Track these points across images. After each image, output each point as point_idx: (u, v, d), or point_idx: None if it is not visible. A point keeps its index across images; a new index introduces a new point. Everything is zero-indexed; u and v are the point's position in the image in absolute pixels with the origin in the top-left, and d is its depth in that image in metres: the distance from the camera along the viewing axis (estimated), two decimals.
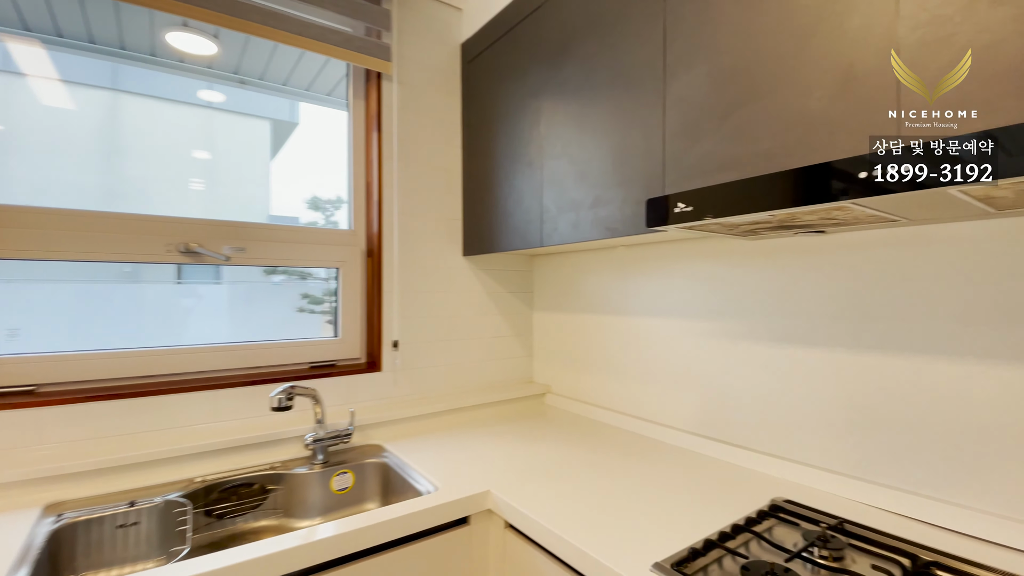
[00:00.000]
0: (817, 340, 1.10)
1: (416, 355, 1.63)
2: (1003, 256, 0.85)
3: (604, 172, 1.18)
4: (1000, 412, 0.86)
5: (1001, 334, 0.86)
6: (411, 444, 1.38)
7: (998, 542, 0.83)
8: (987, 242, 0.87)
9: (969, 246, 0.89)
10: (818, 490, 1.06)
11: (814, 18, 0.80)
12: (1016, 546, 0.81)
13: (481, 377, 1.78)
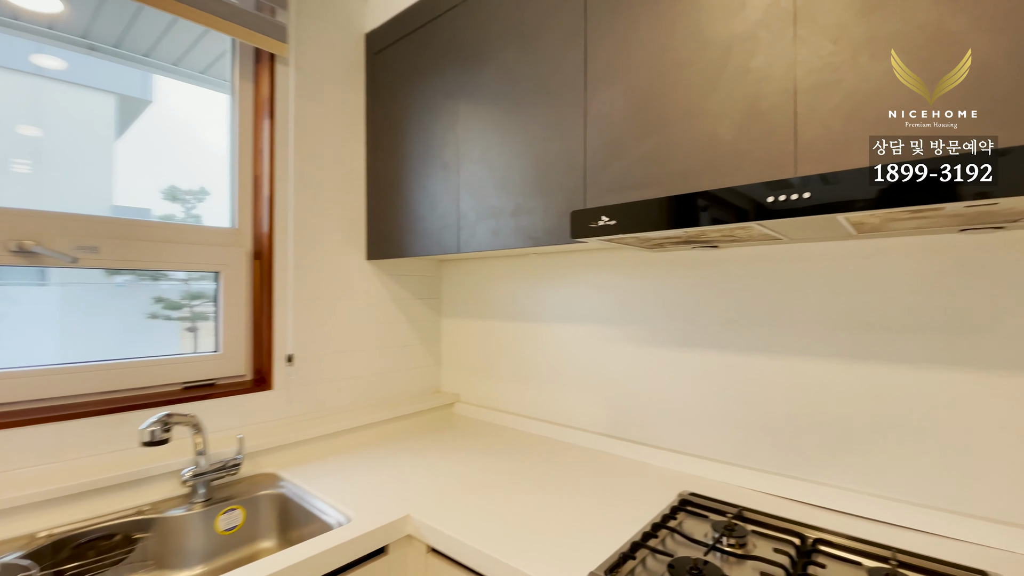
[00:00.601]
0: (712, 344, 1.21)
1: (314, 369, 1.48)
2: (858, 271, 1.01)
3: (525, 181, 1.18)
4: (857, 403, 1.01)
5: (856, 338, 1.02)
6: (312, 469, 1.24)
7: (859, 514, 0.98)
8: (845, 259, 1.03)
9: (832, 262, 1.04)
10: (718, 481, 1.16)
11: (723, 54, 0.88)
12: (874, 517, 0.96)
13: (387, 390, 1.68)
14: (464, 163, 1.32)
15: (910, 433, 0.96)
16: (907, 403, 0.96)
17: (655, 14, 0.97)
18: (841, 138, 0.76)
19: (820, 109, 0.78)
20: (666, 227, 0.84)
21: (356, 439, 1.47)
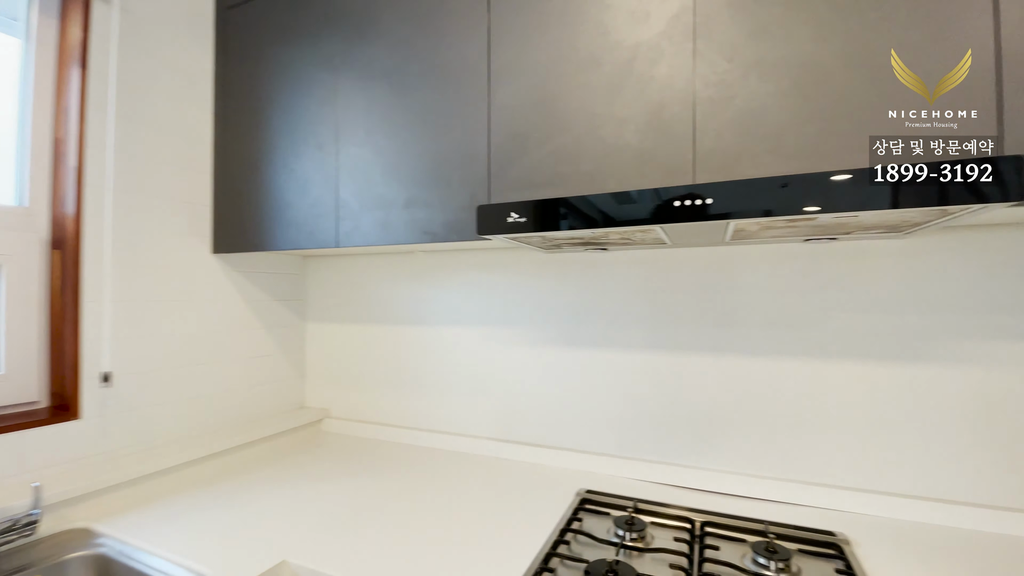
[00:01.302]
0: (600, 343, 1.25)
1: (141, 390, 1.17)
2: (725, 274, 1.13)
3: (421, 170, 1.08)
4: (725, 392, 1.13)
5: (723, 333, 1.13)
6: (144, 518, 0.97)
7: (735, 493, 1.08)
8: (716, 263, 1.13)
9: (705, 266, 1.14)
10: (610, 475, 1.19)
11: (629, 60, 0.90)
12: (747, 494, 1.07)
13: (240, 410, 1.41)
14: (346, 145, 1.16)
15: (769, 416, 1.09)
16: (765, 389, 1.09)
17: (561, 11, 0.95)
18: (734, 150, 0.82)
19: (716, 121, 0.83)
20: (586, 227, 0.82)
21: (201, 473, 1.20)
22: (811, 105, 0.77)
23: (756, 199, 0.72)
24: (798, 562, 0.83)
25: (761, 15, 0.81)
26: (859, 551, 0.85)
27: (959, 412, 0.96)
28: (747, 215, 0.72)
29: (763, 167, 0.80)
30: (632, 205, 0.79)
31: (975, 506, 0.93)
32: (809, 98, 0.78)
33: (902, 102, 0.72)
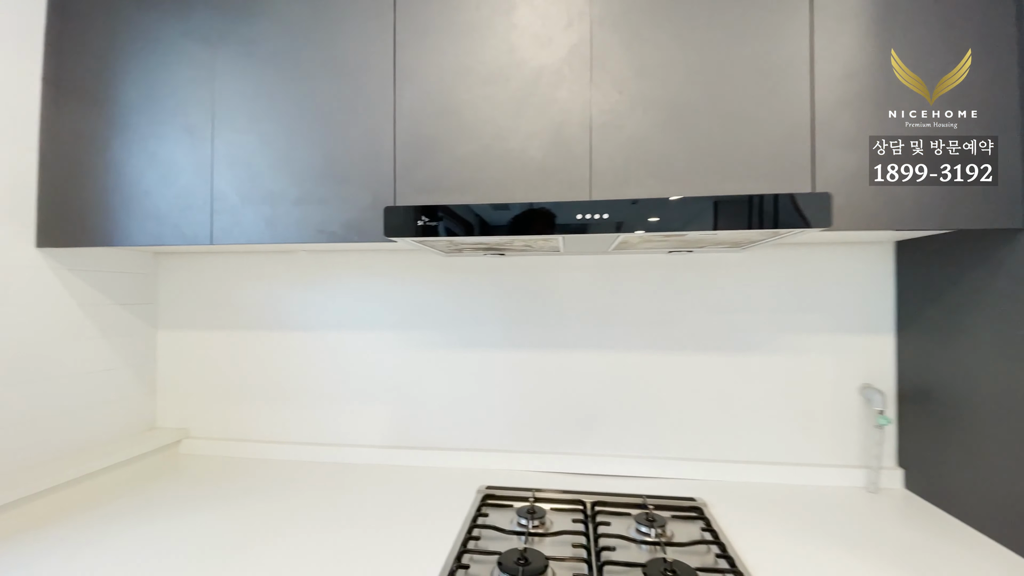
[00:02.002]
0: (498, 344, 1.31)
1: None
2: (608, 279, 1.26)
3: (318, 165, 1.02)
4: (606, 384, 1.26)
5: (605, 332, 1.26)
6: None
7: (617, 474, 1.21)
8: (600, 270, 1.27)
9: (591, 272, 1.27)
10: (508, 470, 1.25)
11: (533, 80, 0.96)
12: (627, 474, 1.21)
13: (73, 435, 1.16)
14: (224, 131, 1.04)
15: (640, 403, 1.25)
16: (637, 380, 1.25)
17: (470, 24, 0.98)
18: (623, 172, 0.94)
19: (609, 145, 0.94)
20: (491, 233, 0.86)
21: (25, 518, 0.96)
22: (684, 138, 0.92)
23: (641, 215, 0.83)
24: (671, 527, 0.97)
25: (645, 57, 0.93)
26: (714, 511, 1.03)
27: (777, 392, 1.21)
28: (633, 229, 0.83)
29: (647, 189, 0.93)
30: (540, 216, 0.86)
31: (789, 465, 1.18)
32: (683, 132, 0.92)
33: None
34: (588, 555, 0.85)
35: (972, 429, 0.95)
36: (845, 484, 1.15)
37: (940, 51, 0.86)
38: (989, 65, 0.85)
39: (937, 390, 1.04)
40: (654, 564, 0.81)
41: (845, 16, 0.88)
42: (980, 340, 0.93)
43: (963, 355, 0.97)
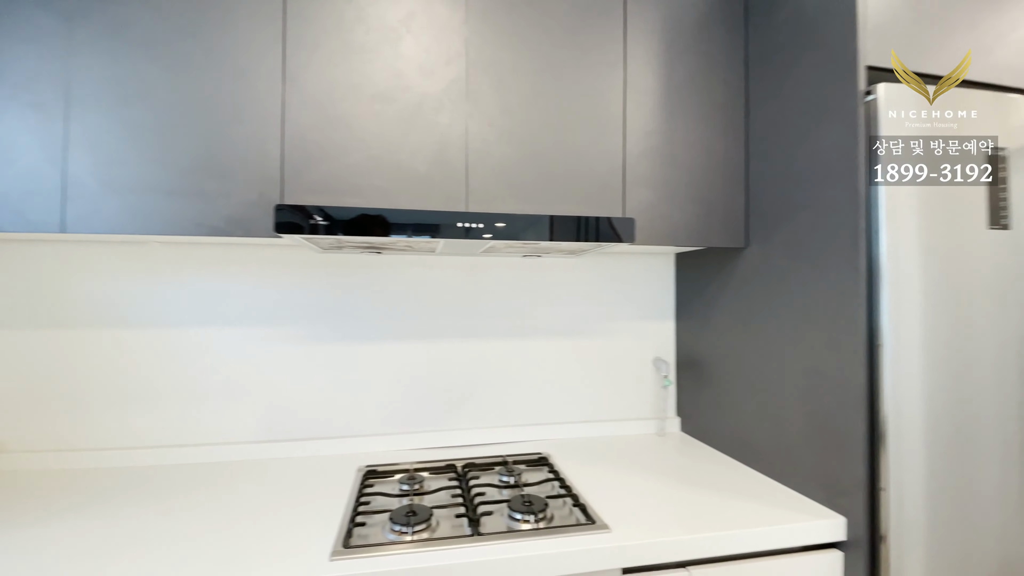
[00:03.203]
0: (374, 336, 1.42)
1: None
2: (475, 277, 1.48)
3: (199, 159, 1.02)
4: (471, 367, 1.47)
5: (471, 322, 1.48)
6: None
7: (484, 442, 1.43)
8: (468, 269, 1.47)
9: (460, 271, 1.47)
10: (389, 451, 1.37)
11: (418, 103, 1.12)
12: (492, 441, 1.43)
13: None
14: (82, 110, 0.98)
15: (500, 382, 1.49)
16: (497, 363, 1.49)
17: (360, 45, 1.10)
18: (493, 191, 1.15)
19: (482, 168, 1.15)
20: (379, 235, 0.99)
21: None
22: (537, 167, 1.18)
23: (506, 226, 1.06)
24: (526, 475, 1.22)
25: (509, 100, 1.17)
26: (557, 460, 1.31)
27: (597, 366, 1.56)
28: (497, 237, 1.06)
29: (510, 205, 1.16)
30: (425, 222, 1.02)
31: (608, 421, 1.54)
32: (536, 163, 1.18)
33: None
34: (464, 501, 1.04)
35: (718, 386, 1.40)
36: (644, 432, 1.56)
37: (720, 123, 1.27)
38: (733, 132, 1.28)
39: (699, 359, 1.49)
40: (516, 499, 1.03)
41: (645, 91, 1.23)
42: (722, 324, 1.38)
43: (713, 334, 1.42)
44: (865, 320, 0.94)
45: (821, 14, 1.05)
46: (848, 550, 0.96)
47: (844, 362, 0.97)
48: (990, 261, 0.96)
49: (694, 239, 1.26)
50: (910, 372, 0.93)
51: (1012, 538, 0.96)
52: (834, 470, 1.00)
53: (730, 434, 1.34)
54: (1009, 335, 0.97)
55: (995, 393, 0.96)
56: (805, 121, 1.08)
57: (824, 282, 1.02)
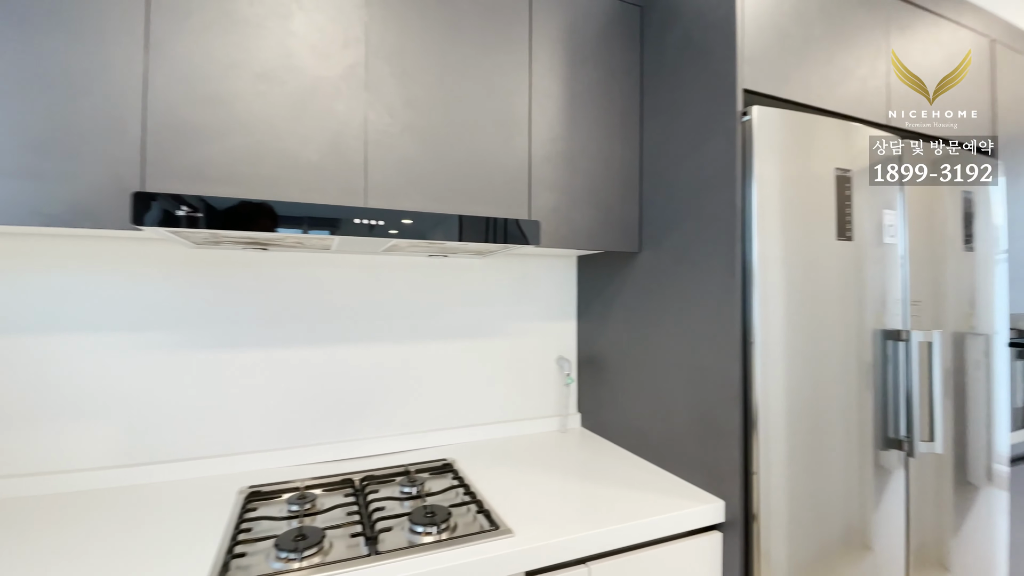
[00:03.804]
0: (256, 342, 1.28)
1: None
2: (375, 277, 1.40)
3: (34, 134, 0.84)
4: (371, 373, 1.40)
5: (372, 325, 1.40)
6: None
7: (385, 452, 1.35)
8: (368, 269, 1.39)
9: (359, 270, 1.39)
10: (277, 467, 1.25)
11: (312, 88, 1.03)
12: (394, 450, 1.36)
13: None
14: None
15: (403, 388, 1.43)
16: (400, 368, 1.43)
17: (244, 18, 0.98)
18: (395, 185, 1.10)
19: (383, 161, 1.09)
20: (263, 230, 0.90)
21: None
22: (444, 165, 1.14)
23: (410, 224, 1.02)
24: (429, 483, 1.18)
25: (413, 92, 1.12)
26: (462, 466, 1.29)
27: (503, 366, 1.56)
28: (402, 236, 1.01)
29: (414, 202, 1.11)
30: (324, 216, 0.94)
31: (513, 421, 1.55)
32: (443, 160, 1.14)
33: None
34: (362, 517, 0.98)
35: (614, 382, 1.47)
36: (548, 429, 1.59)
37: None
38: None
39: (598, 357, 1.55)
40: (417, 511, 0.99)
41: (550, 95, 1.25)
42: (619, 324, 1.45)
43: (611, 334, 1.49)
44: (740, 320, 1.03)
45: (706, 39, 1.13)
46: (726, 531, 1.06)
47: (722, 358, 1.07)
48: (837, 268, 1.11)
49: (594, 243, 1.31)
50: (775, 366, 1.04)
51: (852, 505, 1.12)
52: (715, 458, 1.09)
53: (625, 428, 1.41)
54: (851, 332, 1.13)
55: (840, 383, 1.11)
56: (692, 136, 1.17)
57: (706, 285, 1.11)
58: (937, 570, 1.27)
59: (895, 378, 1.17)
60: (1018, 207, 1.57)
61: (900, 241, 1.19)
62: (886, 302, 1.17)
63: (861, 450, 1.14)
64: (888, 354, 1.16)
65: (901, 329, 1.18)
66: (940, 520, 1.28)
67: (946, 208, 1.29)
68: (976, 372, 1.35)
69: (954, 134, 1.41)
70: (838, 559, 1.10)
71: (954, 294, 1.30)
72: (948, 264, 1.29)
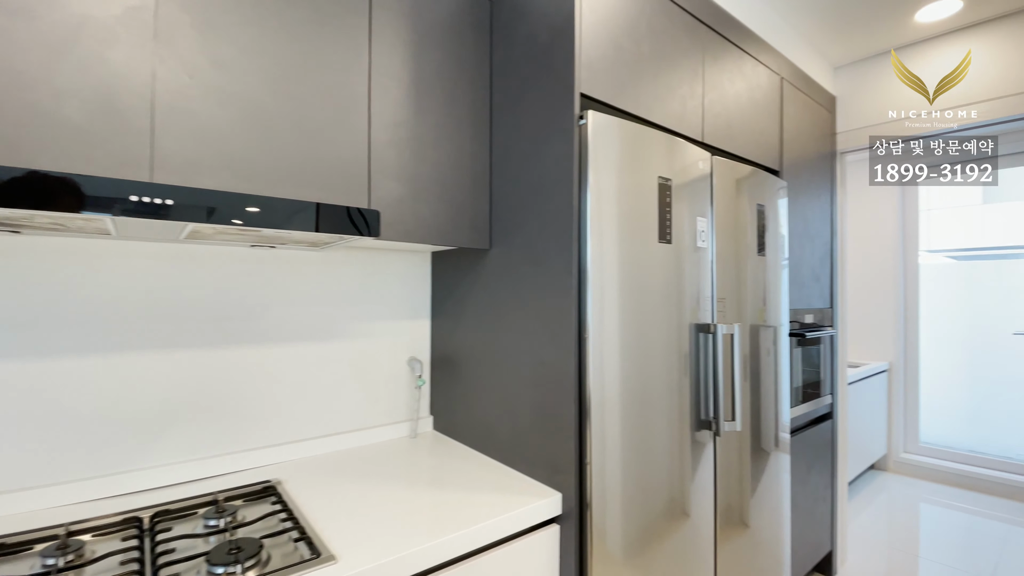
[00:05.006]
0: (4, 353, 0.99)
1: None
2: (176, 270, 1.17)
3: None
4: (178, 385, 1.17)
5: (174, 329, 1.17)
6: None
7: (188, 480, 1.13)
8: (165, 259, 1.16)
9: (153, 261, 1.15)
10: (31, 511, 0.95)
11: (76, 28, 0.81)
12: (199, 477, 1.15)
13: None
14: None
15: (220, 401, 1.22)
16: (217, 378, 1.22)
17: None
18: (195, 159, 0.91)
19: (178, 129, 0.90)
20: (17, 205, 0.68)
21: None
22: (266, 142, 0.98)
23: (214, 207, 0.85)
24: (243, 512, 1.02)
25: (222, 51, 0.94)
26: (289, 486, 1.13)
27: (347, 371, 1.43)
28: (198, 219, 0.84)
29: (222, 182, 0.94)
30: (86, 191, 0.74)
31: (358, 431, 1.43)
32: (263, 135, 0.98)
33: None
34: (142, 567, 0.79)
35: (466, 382, 1.43)
36: (398, 436, 1.50)
37: None
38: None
39: (451, 357, 1.50)
40: (219, 548, 0.83)
41: (393, 77, 1.17)
42: (471, 322, 1.42)
43: (463, 332, 1.45)
44: (576, 316, 1.07)
45: (549, 41, 1.15)
46: (563, 522, 1.08)
47: (561, 353, 1.09)
48: (660, 268, 1.21)
49: (444, 238, 1.25)
50: (608, 359, 1.09)
51: (675, 480, 1.23)
52: (554, 451, 1.11)
53: (476, 428, 1.39)
54: (672, 326, 1.24)
55: (664, 372, 1.22)
56: (536, 135, 1.18)
57: (549, 283, 1.13)
58: (739, 527, 1.47)
59: (705, 366, 1.31)
60: (796, 221, 1.91)
61: (710, 246, 1.35)
62: (699, 299, 1.32)
63: (681, 431, 1.26)
64: (700, 345, 1.30)
65: (710, 323, 1.33)
66: (741, 485, 1.48)
67: (745, 219, 1.50)
68: (767, 358, 1.60)
69: (752, 156, 1.65)
70: (663, 528, 1.20)
71: (751, 292, 1.52)
72: (747, 267, 1.50)
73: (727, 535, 1.40)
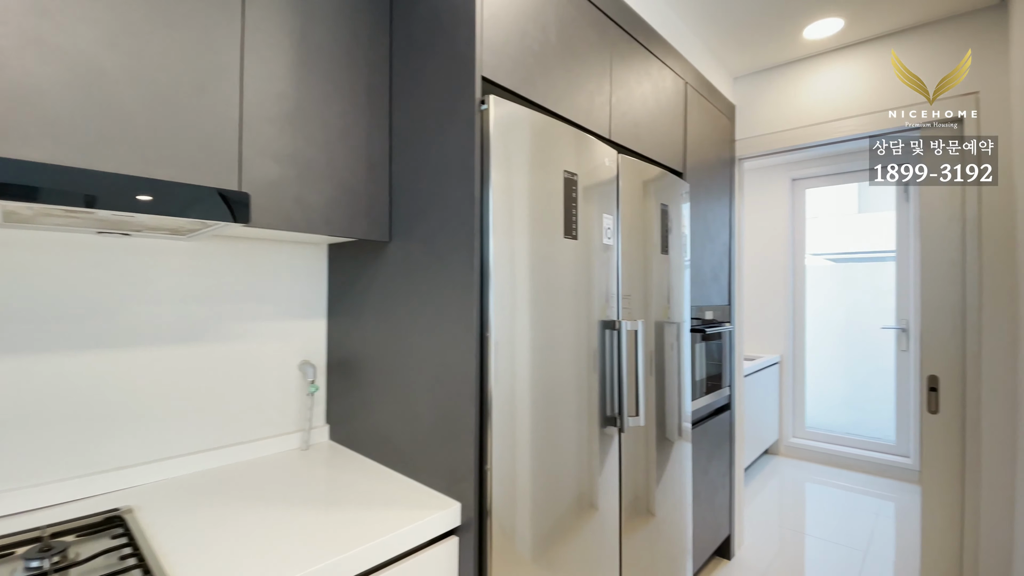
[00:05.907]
0: None
1: None
2: (17, 262, 0.97)
3: None
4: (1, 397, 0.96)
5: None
6: None
7: (13, 512, 0.93)
8: (12, 248, 0.95)
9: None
10: None
11: None
12: (26, 509, 0.94)
13: None
14: None
15: (55, 418, 1.02)
16: (51, 390, 1.01)
17: None
18: (6, 125, 0.74)
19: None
20: None
21: None
22: (101, 107, 0.82)
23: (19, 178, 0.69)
24: (76, 549, 0.84)
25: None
26: (141, 515, 0.97)
27: (224, 377, 1.27)
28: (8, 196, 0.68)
29: (43, 151, 0.77)
30: None
31: (238, 445, 1.27)
32: (99, 100, 0.82)
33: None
34: None
35: (365, 387, 1.32)
36: (286, 448, 1.35)
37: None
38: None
39: (348, 360, 1.38)
40: None
41: (272, 46, 1.03)
42: (370, 321, 1.31)
43: (362, 332, 1.34)
44: (478, 314, 1.00)
45: (449, 18, 1.08)
46: (462, 534, 1.02)
47: (463, 354, 1.02)
48: (567, 265, 1.18)
49: (334, 228, 1.14)
50: (514, 359, 1.04)
51: (584, 476, 1.21)
52: (454, 459, 1.04)
53: (375, 437, 1.28)
54: (581, 323, 1.22)
55: (573, 370, 1.19)
56: (437, 120, 1.10)
57: (451, 279, 1.06)
58: (645, 516, 1.49)
59: (611, 362, 1.31)
60: (698, 223, 1.99)
61: (616, 243, 1.35)
62: (607, 296, 1.31)
63: (590, 427, 1.24)
64: (606, 341, 1.29)
65: (615, 319, 1.33)
66: (647, 476, 1.50)
67: (651, 218, 1.53)
68: (671, 353, 1.64)
69: (657, 157, 1.69)
70: (570, 524, 1.17)
71: (656, 290, 1.55)
72: (652, 265, 1.53)
73: (633, 525, 1.41)
